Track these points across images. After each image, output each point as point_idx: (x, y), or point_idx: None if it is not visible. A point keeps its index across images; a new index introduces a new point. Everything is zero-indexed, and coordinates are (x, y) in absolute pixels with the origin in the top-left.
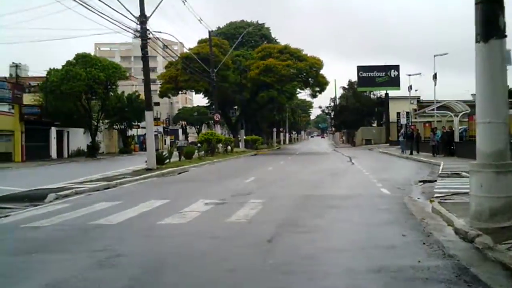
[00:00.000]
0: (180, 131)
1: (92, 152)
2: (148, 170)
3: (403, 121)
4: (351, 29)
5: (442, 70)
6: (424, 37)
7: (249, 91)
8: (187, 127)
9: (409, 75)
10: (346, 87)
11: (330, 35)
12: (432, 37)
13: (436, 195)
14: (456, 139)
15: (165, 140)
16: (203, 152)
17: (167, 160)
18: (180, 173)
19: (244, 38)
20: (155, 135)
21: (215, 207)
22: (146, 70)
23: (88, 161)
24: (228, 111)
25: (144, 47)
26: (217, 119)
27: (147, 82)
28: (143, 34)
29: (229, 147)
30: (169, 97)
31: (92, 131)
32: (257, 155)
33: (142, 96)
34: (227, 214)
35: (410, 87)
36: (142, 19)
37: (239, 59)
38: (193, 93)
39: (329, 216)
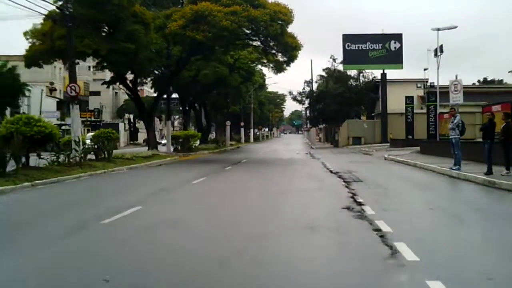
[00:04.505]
0: (121, 126)
1: None
2: None
3: (456, 98)
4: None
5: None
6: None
7: (174, 60)
8: (136, 120)
9: (438, 29)
10: (325, 71)
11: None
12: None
13: None
14: None
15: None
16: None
17: None
18: None
19: None
20: (68, 129)
21: None
22: None
23: None
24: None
25: None
26: (74, 94)
27: None
28: None
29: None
30: (41, 66)
31: None
32: (162, 165)
33: (20, 70)
34: None
35: (439, 49)
36: None
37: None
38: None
39: None
